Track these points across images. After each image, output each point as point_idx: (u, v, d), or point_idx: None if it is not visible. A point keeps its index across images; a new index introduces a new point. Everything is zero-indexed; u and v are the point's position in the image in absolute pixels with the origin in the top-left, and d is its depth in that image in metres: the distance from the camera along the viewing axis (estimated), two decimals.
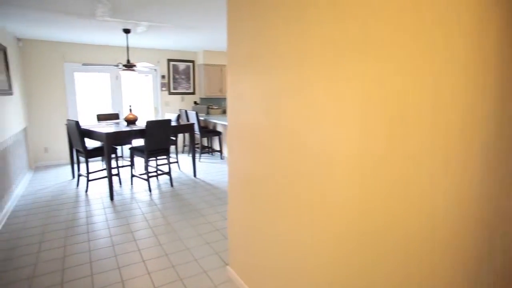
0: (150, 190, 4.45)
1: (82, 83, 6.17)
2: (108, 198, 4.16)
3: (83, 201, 4.10)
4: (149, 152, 4.31)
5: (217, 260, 2.69)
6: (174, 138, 5.31)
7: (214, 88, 7.15)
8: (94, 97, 6.35)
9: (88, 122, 5.29)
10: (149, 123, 4.18)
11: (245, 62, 1.93)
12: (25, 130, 5.27)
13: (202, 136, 6.20)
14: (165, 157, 4.64)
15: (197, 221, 3.48)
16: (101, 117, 5.41)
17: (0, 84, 3.96)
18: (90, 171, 4.42)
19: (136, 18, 4.00)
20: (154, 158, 4.62)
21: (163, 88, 6.87)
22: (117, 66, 4.68)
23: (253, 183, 2.00)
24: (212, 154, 6.86)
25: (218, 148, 6.69)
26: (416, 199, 1.05)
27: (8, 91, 4.26)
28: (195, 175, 5.23)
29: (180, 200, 4.13)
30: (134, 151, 4.52)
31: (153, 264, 2.63)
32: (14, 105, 4.56)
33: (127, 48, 4.66)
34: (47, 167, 5.87)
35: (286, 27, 1.53)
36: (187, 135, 6.87)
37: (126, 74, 4.70)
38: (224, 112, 7.67)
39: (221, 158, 6.54)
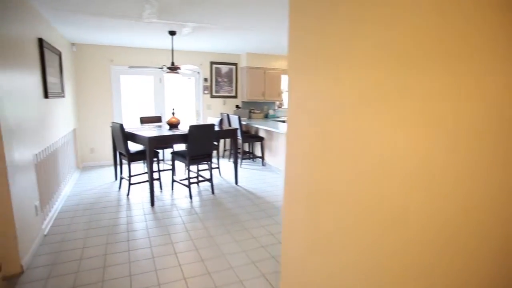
0: (190, 197, 4.29)
1: (127, 86, 6.24)
2: (149, 204, 4.06)
3: (124, 205, 4.03)
4: (191, 157, 4.16)
5: (265, 284, 2.41)
6: (216, 143, 5.15)
7: (256, 91, 6.93)
8: (138, 99, 6.41)
9: (131, 124, 5.30)
10: (192, 128, 4.03)
11: (312, 63, 1.63)
12: (74, 131, 5.39)
13: (243, 141, 5.99)
14: (207, 162, 4.46)
15: (240, 235, 3.23)
16: (144, 120, 5.39)
17: (54, 87, 4.02)
18: (132, 174, 4.36)
19: (182, 19, 3.87)
20: (196, 164, 4.47)
21: (205, 91, 6.78)
22: (161, 68, 4.61)
23: (323, 201, 1.68)
24: (253, 160, 6.63)
25: (259, 154, 6.45)
26: None
27: (60, 94, 4.33)
28: (236, 183, 5.01)
29: (222, 210, 3.92)
30: (176, 155, 4.41)
31: (195, 284, 2.41)
32: (65, 107, 4.65)
33: (172, 50, 4.58)
34: (93, 167, 5.98)
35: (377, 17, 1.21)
36: (228, 139, 6.72)
37: (170, 77, 4.61)
38: (266, 116, 7.44)
39: (263, 165, 6.29)
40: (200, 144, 4.17)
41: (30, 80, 3.04)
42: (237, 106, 7.07)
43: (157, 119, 5.56)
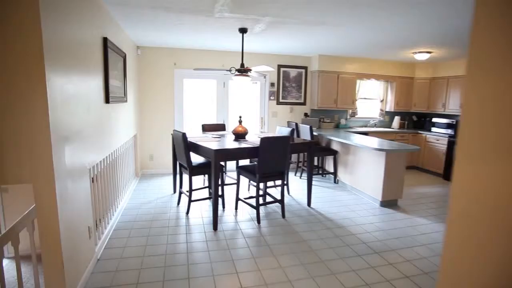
0: (258, 221, 3.64)
1: (189, 91, 5.88)
2: (211, 226, 3.49)
3: (183, 226, 3.51)
4: (261, 175, 3.52)
5: None
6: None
7: (328, 98, 6.13)
8: (200, 105, 6.01)
9: (193, 132, 4.85)
10: (265, 141, 3.39)
11: None
12: (135, 137, 5.12)
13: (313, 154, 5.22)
14: (278, 181, 3.79)
15: (327, 283, 2.48)
16: (206, 128, 4.92)
17: (117, 91, 3.70)
18: (192, 187, 3.86)
19: (259, 13, 3.28)
20: (266, 182, 3.82)
21: (271, 97, 6.16)
22: (229, 70, 4.08)
23: None
24: (323, 176, 5.82)
25: (330, 169, 5.62)
26: None
27: (123, 99, 4.02)
28: (309, 204, 4.26)
29: (298, 242, 3.19)
30: (242, 171, 3.80)
31: None
32: (127, 112, 4.35)
33: (242, 50, 4.03)
34: (151, 175, 5.68)
35: None
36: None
37: (238, 80, 4.05)
38: (337, 126, 6.59)
39: (335, 182, 5.45)
40: (273, 160, 3.51)
41: (90, 83, 2.65)
42: (305, 114, 6.33)
43: (221, 127, 5.06)
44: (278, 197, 4.29)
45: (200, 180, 5.15)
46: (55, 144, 1.86)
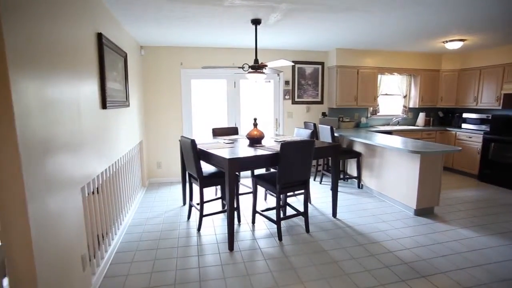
0: (280, 238, 3.19)
1: (197, 92, 5.47)
2: (226, 245, 3.06)
3: (195, 246, 3.09)
4: (282, 185, 3.07)
5: None
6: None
7: (348, 95, 5.64)
8: (209, 107, 5.59)
9: (202, 137, 4.43)
10: (286, 146, 2.94)
11: None
12: (140, 144, 4.74)
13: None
14: (301, 191, 3.33)
15: None
16: (217, 132, 4.50)
17: (118, 94, 3.31)
18: (204, 199, 3.44)
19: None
20: (287, 193, 3.37)
21: (286, 97, 5.70)
22: (242, 67, 3.64)
23: None
24: (345, 180, 5.33)
25: (353, 173, 5.13)
26: None
27: (125, 103, 3.63)
28: (334, 215, 3.79)
29: (328, 264, 2.73)
30: (260, 180, 3.36)
31: None
32: (130, 118, 3.96)
33: (256, 44, 3.59)
34: (160, 184, 5.29)
35: None
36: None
37: (253, 77, 3.61)
38: (357, 125, 6.09)
39: (359, 187, 4.96)
40: (295, 168, 3.06)
41: (80, 86, 2.24)
42: (323, 114, 5.85)
43: (233, 131, 4.63)
44: (300, 207, 3.85)
45: (211, 190, 4.73)
46: (26, 158, 1.45)
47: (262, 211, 3.58)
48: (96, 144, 2.53)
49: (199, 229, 3.43)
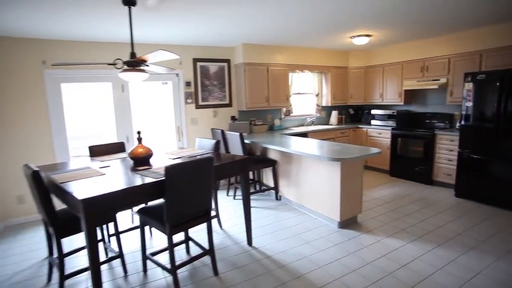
0: None
1: (73, 99, 4.25)
2: None
3: None
4: (173, 225, 2.24)
5: None
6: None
7: (259, 96, 5.09)
8: (92, 118, 4.42)
9: (81, 157, 3.31)
10: (173, 171, 2.11)
11: None
12: None
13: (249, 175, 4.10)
14: (203, 224, 2.57)
15: None
16: (95, 151, 3.42)
17: None
18: (65, 252, 2.41)
19: None
20: (183, 231, 2.54)
21: (189, 100, 4.85)
22: (114, 64, 2.70)
23: None
24: (262, 192, 4.73)
25: (271, 184, 4.57)
26: None
27: None
28: (249, 243, 3.12)
29: None
30: (145, 217, 2.47)
31: None
32: None
33: (131, 31, 2.67)
34: (22, 226, 3.91)
35: None
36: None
37: (129, 77, 2.69)
38: (271, 128, 5.60)
39: (277, 199, 4.42)
40: (189, 197, 2.26)
41: None
42: (233, 118, 5.17)
43: (118, 148, 3.59)
44: (205, 241, 3.06)
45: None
46: None
47: (154, 254, 2.69)
48: None
49: None
